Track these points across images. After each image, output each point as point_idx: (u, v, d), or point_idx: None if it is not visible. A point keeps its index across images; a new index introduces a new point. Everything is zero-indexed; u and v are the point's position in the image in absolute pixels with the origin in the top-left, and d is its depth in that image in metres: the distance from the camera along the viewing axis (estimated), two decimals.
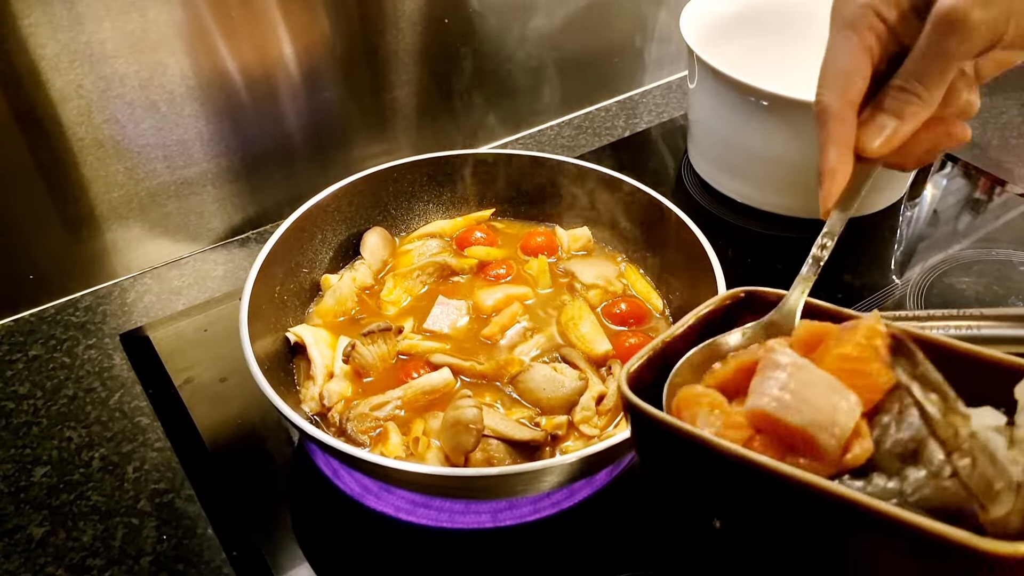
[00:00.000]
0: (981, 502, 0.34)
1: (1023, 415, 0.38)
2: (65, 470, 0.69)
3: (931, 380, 0.36)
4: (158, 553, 0.63)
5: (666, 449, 0.42)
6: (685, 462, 0.41)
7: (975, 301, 0.86)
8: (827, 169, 0.55)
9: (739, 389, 0.43)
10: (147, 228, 0.88)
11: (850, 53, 0.55)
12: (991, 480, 0.34)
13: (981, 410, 0.39)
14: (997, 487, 0.34)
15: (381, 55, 0.95)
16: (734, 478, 0.38)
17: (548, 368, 0.69)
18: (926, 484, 0.36)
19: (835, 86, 0.55)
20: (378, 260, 0.81)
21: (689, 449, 0.39)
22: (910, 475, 0.37)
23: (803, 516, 0.37)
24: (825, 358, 0.41)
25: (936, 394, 0.36)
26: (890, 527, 0.33)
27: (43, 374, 0.77)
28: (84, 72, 0.76)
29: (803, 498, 0.35)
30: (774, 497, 0.37)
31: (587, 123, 1.15)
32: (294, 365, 0.72)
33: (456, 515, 0.65)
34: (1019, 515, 0.34)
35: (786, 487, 0.36)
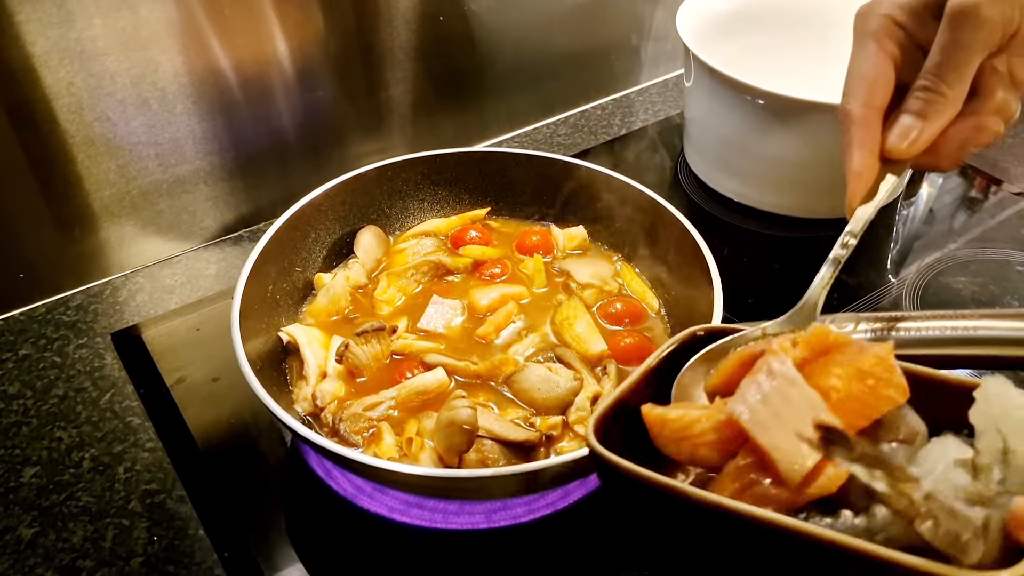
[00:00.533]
0: (955, 557, 0.34)
1: (980, 440, 0.38)
2: (55, 471, 0.68)
3: (871, 457, 0.37)
4: (149, 554, 0.63)
5: (636, 498, 0.42)
6: (657, 510, 0.41)
7: (971, 301, 0.85)
8: (852, 171, 0.55)
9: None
10: (139, 226, 0.87)
11: (871, 60, 0.56)
12: (957, 533, 0.34)
13: (945, 440, 0.39)
14: (964, 538, 0.34)
15: (376, 53, 0.94)
16: (705, 523, 0.38)
17: (543, 368, 0.68)
18: (893, 523, 0.36)
19: (858, 93, 0.56)
20: (372, 259, 0.81)
21: (660, 499, 0.39)
22: (878, 513, 0.37)
23: (776, 554, 0.37)
24: (829, 370, 0.41)
25: (879, 469, 0.36)
26: (869, 564, 0.33)
27: (33, 374, 0.77)
28: (75, 69, 0.75)
29: (774, 538, 0.35)
30: (744, 537, 0.37)
31: (583, 121, 1.15)
32: (287, 365, 0.72)
33: (450, 516, 0.64)
34: (994, 546, 0.34)
35: (755, 528, 0.36)
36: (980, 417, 0.38)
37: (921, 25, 0.55)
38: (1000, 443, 0.37)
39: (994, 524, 0.35)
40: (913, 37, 0.56)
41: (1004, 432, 0.37)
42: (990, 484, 0.36)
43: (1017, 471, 0.36)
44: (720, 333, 0.50)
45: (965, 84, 0.54)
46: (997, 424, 0.37)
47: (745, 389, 0.40)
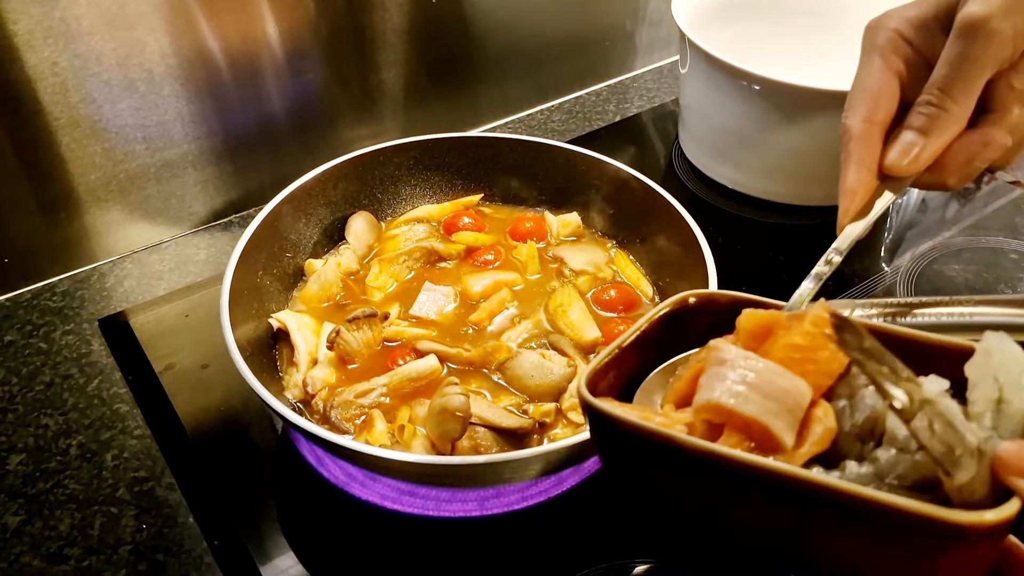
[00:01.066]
0: (945, 468, 0.34)
1: (975, 391, 0.38)
2: (41, 458, 0.67)
3: (878, 353, 0.36)
4: (137, 542, 0.62)
5: (631, 454, 0.41)
6: (651, 465, 0.40)
7: (965, 288, 0.85)
8: (846, 188, 0.54)
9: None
10: (127, 211, 0.86)
11: (875, 75, 0.54)
12: (951, 445, 0.34)
13: (929, 379, 0.38)
14: (958, 452, 0.34)
15: (368, 36, 0.93)
16: (705, 477, 0.37)
17: (536, 355, 0.68)
18: (899, 461, 0.36)
19: (859, 108, 0.54)
20: (363, 245, 0.80)
21: (657, 451, 0.38)
22: (881, 456, 0.37)
23: (776, 508, 0.36)
24: (773, 348, 0.41)
25: (886, 366, 0.36)
26: (858, 508, 0.33)
27: (19, 360, 0.76)
28: (59, 49, 0.74)
29: (778, 489, 0.35)
30: (747, 493, 0.37)
31: (577, 107, 1.14)
32: (277, 352, 0.71)
33: (442, 503, 0.64)
34: (983, 482, 0.34)
35: (760, 480, 0.35)
36: (978, 370, 0.38)
37: (931, 40, 0.53)
38: (996, 392, 0.37)
39: (987, 456, 0.35)
40: (921, 53, 0.54)
41: (1001, 382, 0.37)
42: (983, 428, 0.36)
43: (1008, 419, 0.36)
44: (712, 301, 0.48)
45: (971, 100, 0.52)
46: (995, 374, 0.37)
47: (707, 381, 0.40)
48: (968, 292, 0.85)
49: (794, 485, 0.34)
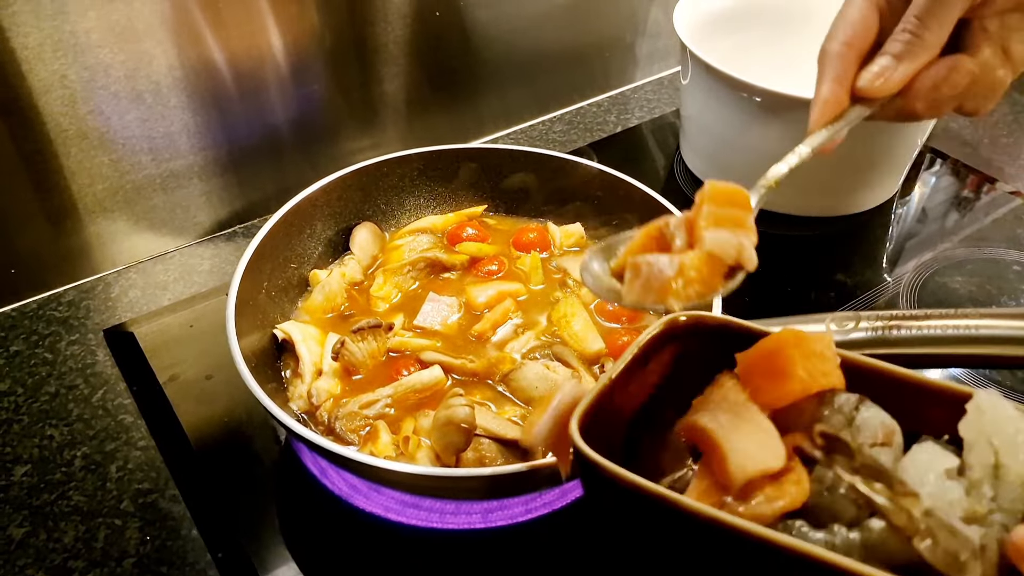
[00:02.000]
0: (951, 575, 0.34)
1: (971, 454, 0.37)
2: (46, 469, 0.67)
3: (872, 467, 0.36)
4: (141, 555, 0.62)
5: (619, 502, 0.40)
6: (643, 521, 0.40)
7: (968, 300, 0.85)
8: (817, 99, 0.59)
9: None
10: (132, 221, 0.86)
11: (857, 6, 0.58)
12: (956, 553, 0.34)
13: (930, 448, 0.38)
14: (963, 558, 0.34)
15: (370, 47, 0.93)
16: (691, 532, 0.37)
17: (540, 366, 0.68)
18: (890, 538, 0.35)
19: (839, 34, 0.59)
20: (367, 255, 0.80)
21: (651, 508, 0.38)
22: (873, 527, 0.36)
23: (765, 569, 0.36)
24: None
25: (880, 482, 0.36)
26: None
27: (24, 370, 0.76)
28: (68, 62, 0.74)
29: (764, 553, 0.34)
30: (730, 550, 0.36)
31: (578, 119, 1.14)
32: (282, 363, 0.71)
33: (447, 515, 0.64)
34: (992, 568, 0.34)
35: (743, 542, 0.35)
36: (971, 430, 0.37)
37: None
38: (991, 458, 0.37)
39: (990, 545, 0.34)
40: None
41: (996, 446, 0.37)
42: (982, 500, 0.36)
43: (1008, 487, 0.36)
44: (702, 322, 0.48)
45: (945, 29, 0.55)
46: (989, 438, 0.37)
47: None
48: (971, 304, 0.86)
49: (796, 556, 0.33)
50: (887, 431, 0.40)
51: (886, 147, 0.90)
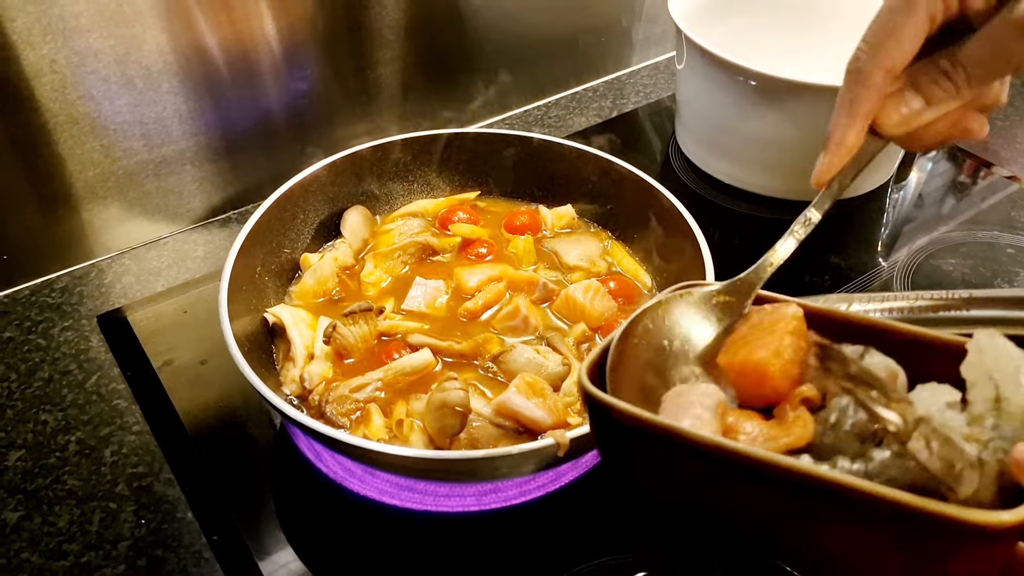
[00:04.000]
0: (947, 484, 0.34)
1: (973, 391, 0.38)
2: (40, 454, 0.67)
3: (866, 377, 0.36)
4: (136, 538, 0.62)
5: (632, 445, 0.41)
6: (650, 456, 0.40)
7: (962, 282, 0.85)
8: (836, 138, 0.49)
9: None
10: (125, 207, 0.86)
11: (909, 15, 0.47)
12: (951, 460, 0.34)
13: (932, 386, 0.39)
14: (959, 467, 0.34)
15: (364, 32, 0.93)
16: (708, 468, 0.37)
17: (531, 350, 0.68)
18: (892, 464, 0.36)
19: (880, 50, 0.48)
20: (359, 239, 0.80)
21: (658, 441, 0.38)
22: (875, 456, 0.36)
23: (776, 502, 0.36)
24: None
25: (875, 390, 0.36)
26: (868, 505, 0.32)
27: (18, 356, 0.76)
28: (57, 46, 0.74)
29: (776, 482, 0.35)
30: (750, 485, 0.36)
31: (574, 103, 1.14)
32: (274, 347, 0.71)
33: (441, 498, 0.64)
34: (988, 491, 0.34)
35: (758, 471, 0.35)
36: (972, 369, 0.38)
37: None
38: (993, 391, 0.37)
39: (989, 462, 0.35)
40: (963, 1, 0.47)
41: (997, 380, 0.37)
42: (984, 431, 0.36)
43: (1010, 418, 0.36)
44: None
45: (985, 88, 0.49)
46: (990, 373, 0.37)
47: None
48: (965, 286, 0.86)
49: (801, 480, 0.34)
50: (891, 373, 0.40)
51: None
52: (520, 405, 0.60)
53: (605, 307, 0.72)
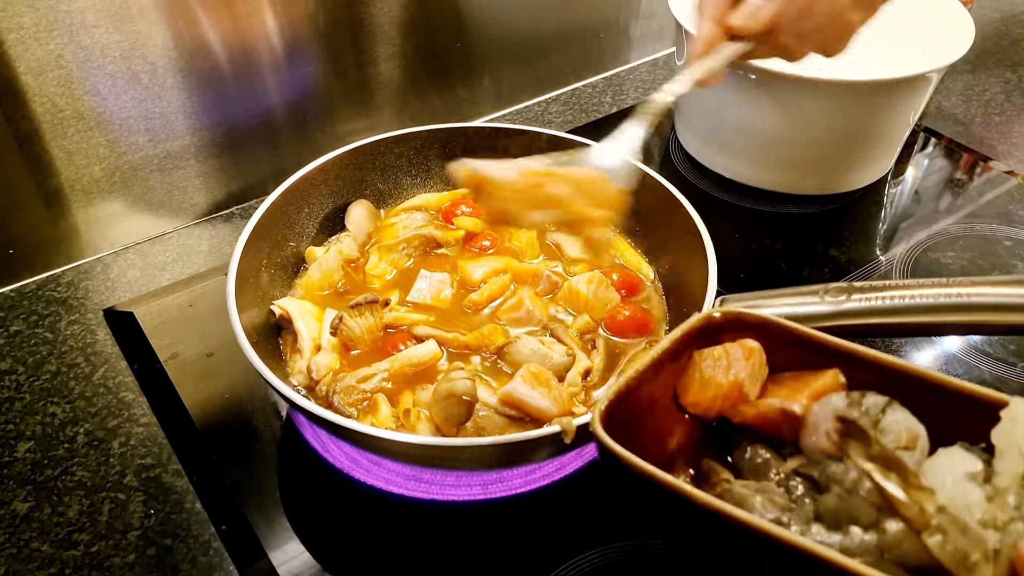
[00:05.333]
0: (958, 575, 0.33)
1: (1000, 461, 0.37)
2: (49, 445, 0.68)
3: (887, 459, 0.36)
4: (145, 528, 0.63)
5: (640, 490, 0.41)
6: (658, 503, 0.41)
7: (960, 274, 0.86)
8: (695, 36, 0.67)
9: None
10: (130, 202, 0.86)
11: None
12: (966, 552, 0.33)
13: (954, 452, 0.38)
14: (973, 559, 0.33)
15: (366, 28, 0.93)
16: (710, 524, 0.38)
17: (536, 341, 0.69)
18: (905, 539, 0.35)
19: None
20: (363, 233, 0.80)
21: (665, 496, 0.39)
22: (889, 528, 0.36)
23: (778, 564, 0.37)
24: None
25: (895, 472, 0.36)
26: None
27: (25, 349, 0.76)
28: (64, 42, 0.74)
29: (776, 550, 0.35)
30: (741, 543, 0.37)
31: (574, 99, 1.14)
32: (281, 339, 0.72)
33: (446, 487, 0.65)
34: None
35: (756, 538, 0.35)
36: (1003, 438, 0.37)
37: None
38: (1021, 467, 0.36)
39: (1005, 552, 0.34)
40: None
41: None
42: (1005, 508, 0.35)
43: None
44: (740, 319, 0.48)
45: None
46: (1021, 447, 0.36)
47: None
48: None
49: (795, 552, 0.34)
50: (911, 435, 0.40)
51: (878, 125, 0.90)
52: (525, 394, 0.61)
53: (608, 298, 0.73)
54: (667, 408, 0.48)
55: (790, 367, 0.47)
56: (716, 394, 0.45)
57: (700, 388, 0.46)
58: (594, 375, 0.68)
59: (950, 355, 0.77)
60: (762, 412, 0.44)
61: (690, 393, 0.47)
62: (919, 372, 0.42)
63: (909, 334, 0.74)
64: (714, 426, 0.48)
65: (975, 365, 0.76)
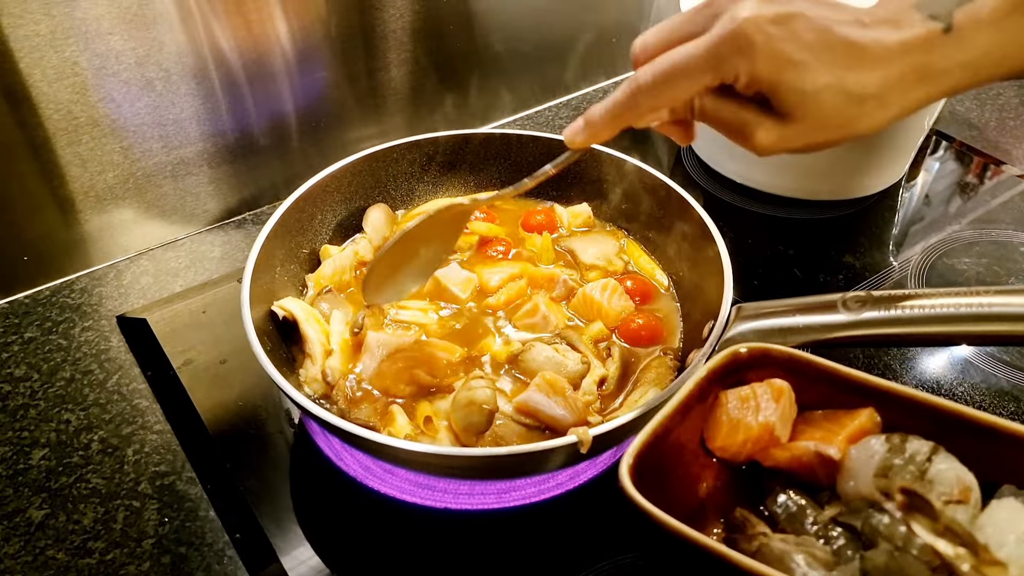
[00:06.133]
0: None
1: None
2: (64, 453, 0.68)
3: (955, 531, 0.35)
4: (160, 535, 0.62)
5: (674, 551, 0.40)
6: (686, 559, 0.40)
7: (975, 281, 0.86)
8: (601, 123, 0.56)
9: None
10: (143, 209, 0.87)
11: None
12: None
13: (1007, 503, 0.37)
14: None
15: (377, 35, 0.93)
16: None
17: (550, 348, 0.68)
18: None
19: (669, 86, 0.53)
20: (379, 235, 0.80)
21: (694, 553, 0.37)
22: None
23: None
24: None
25: (964, 547, 0.34)
26: None
27: (39, 356, 0.76)
28: (79, 49, 0.74)
29: None
30: None
31: (584, 104, 1.14)
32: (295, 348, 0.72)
33: (461, 496, 0.64)
34: None
35: None
36: None
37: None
38: None
39: None
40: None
41: None
42: None
43: None
44: (768, 354, 0.47)
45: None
46: None
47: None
48: (979, 285, 0.86)
49: None
50: (963, 487, 0.38)
51: (893, 130, 0.90)
52: (541, 403, 0.61)
53: (622, 306, 0.73)
54: (695, 453, 0.47)
55: (820, 405, 0.46)
56: (746, 438, 0.44)
57: (729, 432, 0.45)
58: (609, 383, 0.67)
59: (966, 362, 0.77)
60: (796, 456, 0.43)
61: (719, 437, 0.45)
62: (959, 411, 0.41)
63: (928, 344, 0.73)
64: (744, 470, 0.47)
65: (992, 373, 0.75)
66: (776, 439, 0.43)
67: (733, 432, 0.44)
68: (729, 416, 0.45)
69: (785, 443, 0.44)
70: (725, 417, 0.45)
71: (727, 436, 0.45)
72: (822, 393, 0.46)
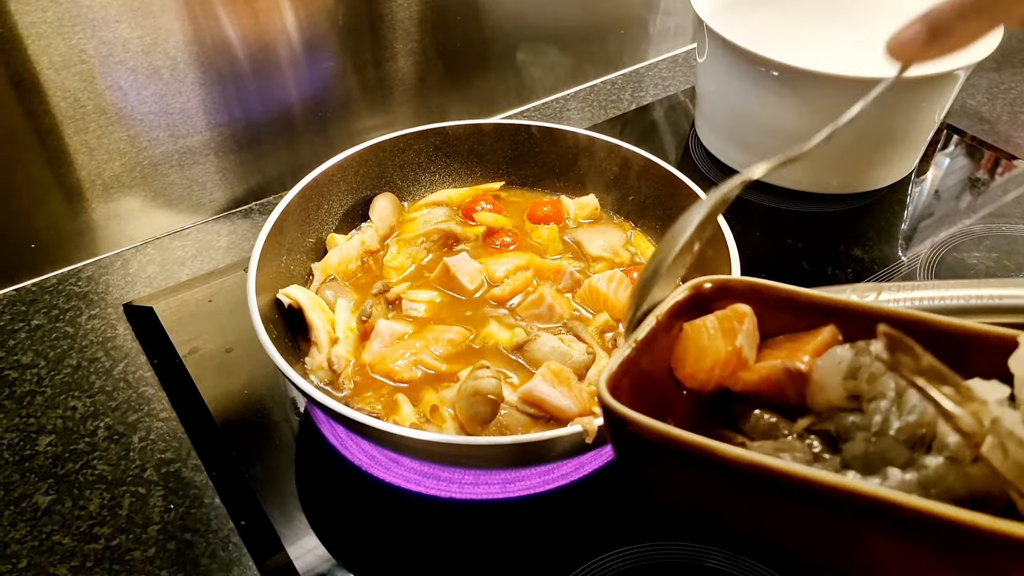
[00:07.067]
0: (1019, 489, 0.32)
1: (1023, 390, 0.36)
2: (70, 439, 0.68)
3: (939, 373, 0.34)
4: (166, 522, 0.63)
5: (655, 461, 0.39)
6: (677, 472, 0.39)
7: (985, 275, 0.85)
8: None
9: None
10: (149, 197, 0.87)
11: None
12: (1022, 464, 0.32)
13: (979, 383, 0.37)
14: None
15: (385, 24, 0.93)
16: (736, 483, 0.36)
17: (555, 339, 0.68)
18: (948, 472, 0.34)
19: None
20: (386, 225, 0.80)
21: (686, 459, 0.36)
22: (928, 463, 0.34)
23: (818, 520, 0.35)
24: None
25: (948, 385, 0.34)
26: (920, 522, 0.30)
27: (46, 343, 0.76)
28: (86, 37, 0.74)
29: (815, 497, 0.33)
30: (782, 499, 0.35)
31: (593, 96, 1.14)
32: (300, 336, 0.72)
33: (465, 486, 0.64)
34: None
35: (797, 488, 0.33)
36: (1021, 364, 0.36)
37: None
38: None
39: None
40: None
41: None
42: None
43: None
44: (726, 287, 0.47)
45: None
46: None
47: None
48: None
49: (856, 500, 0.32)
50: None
51: (904, 123, 0.89)
52: (546, 393, 0.61)
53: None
54: (663, 384, 0.46)
55: (782, 332, 0.45)
56: (714, 362, 0.43)
57: (697, 358, 0.44)
58: None
59: None
60: (764, 375, 0.42)
61: (686, 365, 0.45)
62: (919, 318, 0.41)
63: None
64: (712, 402, 0.46)
65: None
66: (744, 361, 0.43)
67: (701, 358, 0.44)
68: (697, 343, 0.44)
69: (752, 365, 0.43)
70: (692, 345, 0.44)
71: (695, 362, 0.44)
72: (784, 322, 0.45)
